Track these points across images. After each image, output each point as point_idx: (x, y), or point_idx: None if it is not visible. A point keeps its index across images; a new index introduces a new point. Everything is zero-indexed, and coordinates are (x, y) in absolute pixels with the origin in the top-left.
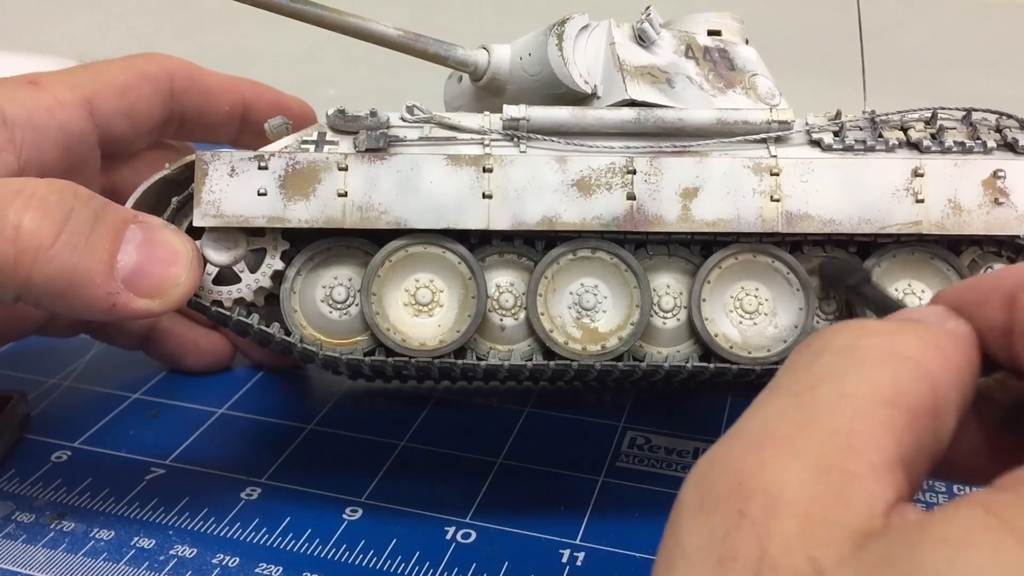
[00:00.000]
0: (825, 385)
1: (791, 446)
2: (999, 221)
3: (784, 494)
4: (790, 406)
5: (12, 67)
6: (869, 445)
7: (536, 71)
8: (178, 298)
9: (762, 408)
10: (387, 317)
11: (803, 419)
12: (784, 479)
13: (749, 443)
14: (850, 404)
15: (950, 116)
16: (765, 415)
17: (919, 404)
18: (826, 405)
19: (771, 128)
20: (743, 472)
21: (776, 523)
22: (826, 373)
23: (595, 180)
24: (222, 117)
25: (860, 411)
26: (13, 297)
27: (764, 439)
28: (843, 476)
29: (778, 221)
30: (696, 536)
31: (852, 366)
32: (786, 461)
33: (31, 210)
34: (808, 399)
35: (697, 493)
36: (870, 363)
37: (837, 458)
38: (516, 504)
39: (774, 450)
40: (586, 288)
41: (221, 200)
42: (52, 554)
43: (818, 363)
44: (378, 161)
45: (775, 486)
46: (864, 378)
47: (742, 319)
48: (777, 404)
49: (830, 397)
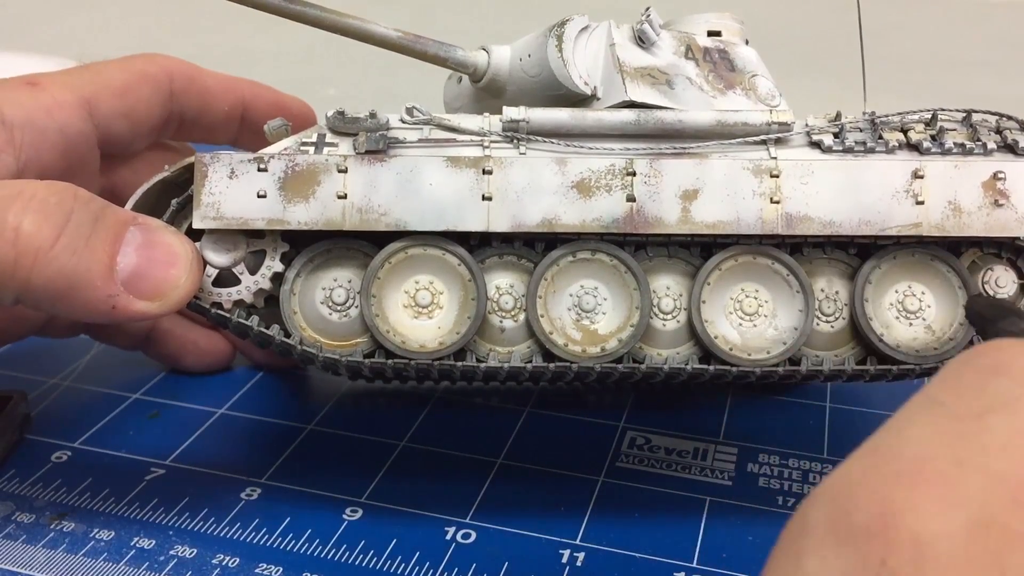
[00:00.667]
0: (997, 416)
1: (950, 487)
2: (999, 223)
3: (935, 549)
4: (952, 434)
5: (12, 67)
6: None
7: (536, 72)
8: (178, 300)
9: (916, 427)
10: (387, 319)
11: (967, 455)
12: (938, 530)
13: (900, 473)
14: (1022, 443)
15: (950, 117)
16: (920, 438)
17: None
18: (996, 442)
19: (771, 130)
20: (891, 507)
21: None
22: (1000, 401)
23: (595, 182)
24: (221, 117)
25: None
26: (13, 299)
27: (918, 473)
28: (1004, 536)
29: (778, 223)
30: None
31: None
32: (942, 507)
33: (31, 212)
34: (975, 429)
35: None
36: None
37: (1000, 511)
38: (516, 504)
39: (929, 490)
40: (586, 290)
41: (221, 202)
42: (52, 554)
43: (991, 384)
44: (378, 163)
45: (926, 535)
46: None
47: (742, 321)
48: (935, 428)
49: (1001, 431)
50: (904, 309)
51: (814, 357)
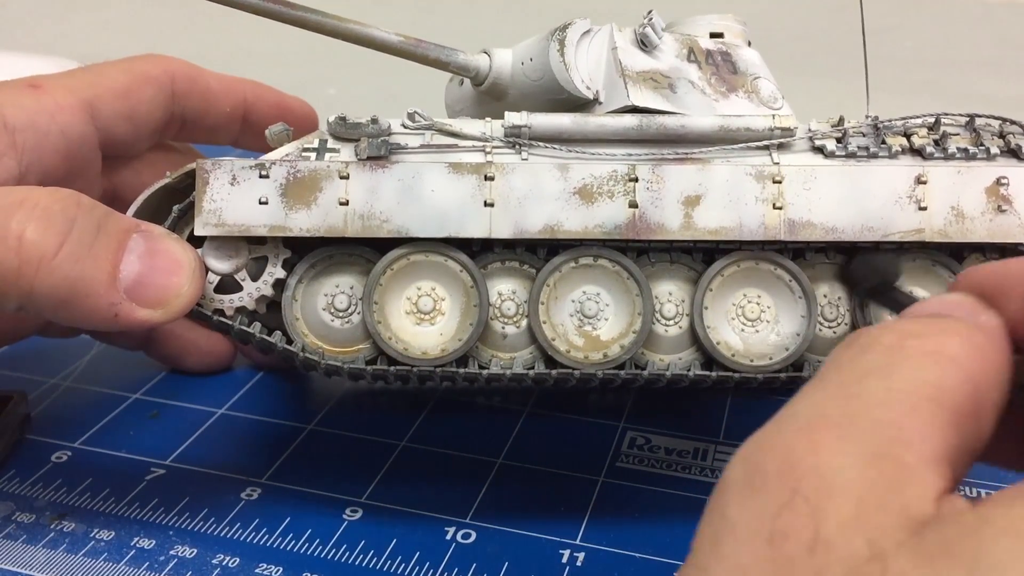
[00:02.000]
0: (872, 379)
1: (843, 431)
2: (1002, 229)
3: (839, 477)
4: (838, 396)
5: (12, 67)
6: (918, 438)
7: (538, 76)
8: (181, 308)
9: (809, 397)
10: (389, 326)
11: (852, 409)
12: (838, 462)
13: (799, 427)
14: (898, 398)
15: (953, 122)
16: (813, 403)
17: (963, 404)
18: (874, 397)
19: (774, 135)
20: (795, 452)
21: (831, 504)
22: (873, 368)
23: (597, 188)
24: (223, 118)
25: (908, 405)
26: (15, 307)
27: (815, 424)
28: (896, 464)
29: (780, 229)
30: (745, 512)
31: (898, 363)
32: (839, 445)
33: (34, 220)
34: (856, 391)
35: (745, 470)
36: (916, 361)
37: (890, 447)
38: (516, 504)
39: (826, 434)
40: (588, 296)
41: (222, 209)
42: (52, 554)
43: (864, 359)
44: (379, 169)
45: (829, 468)
46: (911, 376)
47: (744, 327)
48: (824, 394)
49: (878, 391)
50: None
51: (817, 363)
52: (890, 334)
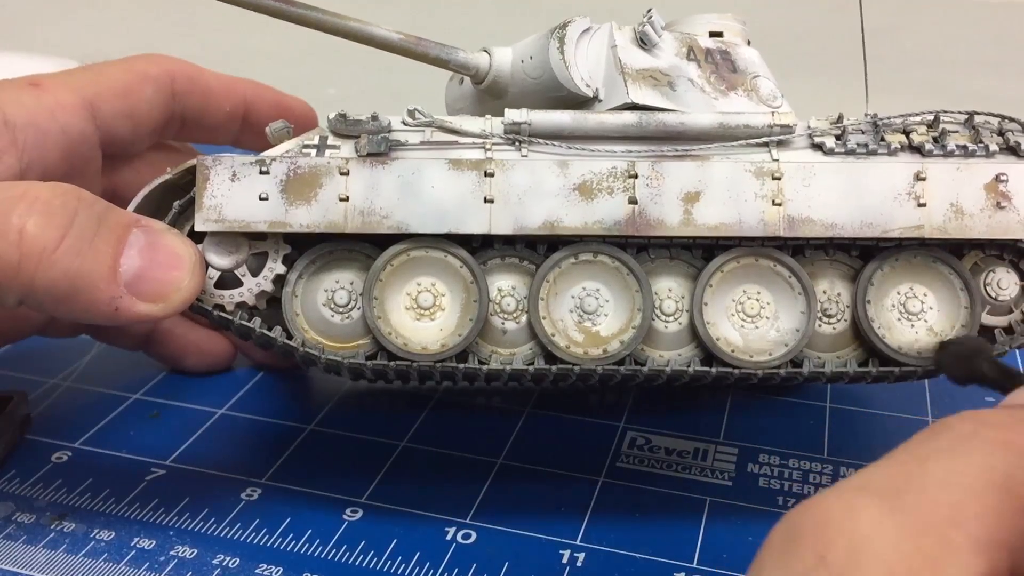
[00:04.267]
0: (936, 461)
1: (889, 502)
2: (1001, 225)
3: (871, 545)
4: (897, 471)
5: (12, 67)
6: (973, 520)
7: (538, 74)
8: (181, 303)
9: (869, 470)
10: (389, 321)
11: (906, 483)
12: (873, 531)
13: (843, 491)
14: (959, 481)
15: (952, 119)
16: (869, 474)
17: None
18: (934, 479)
19: (773, 132)
20: (831, 516)
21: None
22: (940, 450)
23: (597, 184)
24: (223, 118)
25: (968, 489)
26: (16, 301)
27: (860, 491)
28: (940, 541)
29: (780, 225)
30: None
31: (967, 450)
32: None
33: (35, 214)
34: (918, 469)
35: (785, 530)
36: (987, 449)
37: (937, 524)
38: (516, 504)
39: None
40: (588, 292)
41: (223, 205)
42: (52, 555)
43: (934, 441)
44: (379, 165)
45: (861, 536)
46: (979, 462)
47: (744, 323)
48: (884, 469)
49: (939, 473)
50: (906, 311)
51: (816, 359)
52: (966, 423)
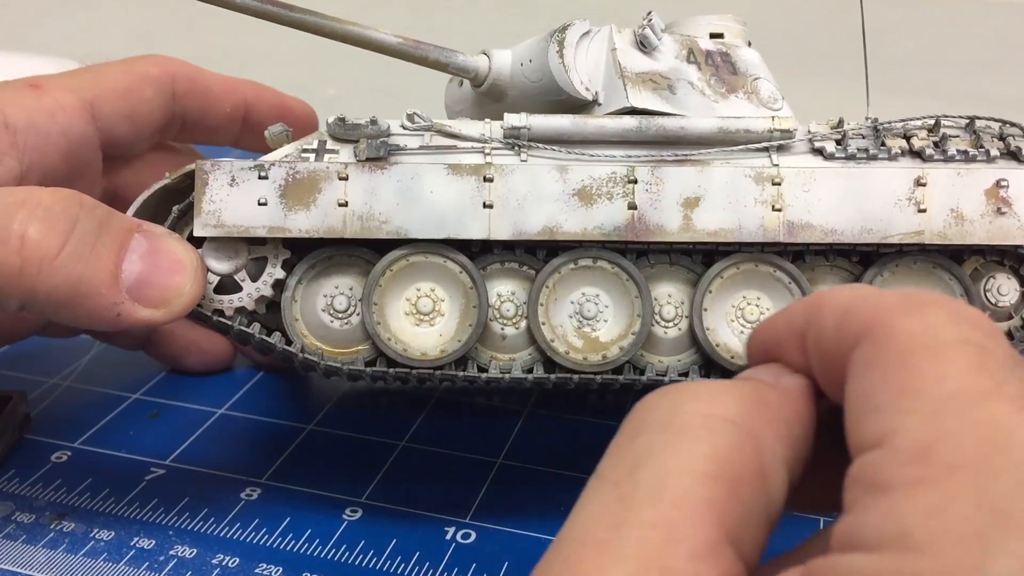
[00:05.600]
0: (643, 469)
1: (607, 555)
2: (1002, 231)
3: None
4: (609, 500)
5: (12, 67)
6: (690, 531)
7: (537, 78)
8: (182, 308)
9: (584, 505)
10: (388, 327)
11: (621, 516)
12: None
13: (567, 555)
14: (668, 486)
15: (953, 123)
16: (585, 516)
17: (743, 469)
18: (644, 494)
19: (773, 137)
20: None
21: None
22: (644, 453)
23: (596, 189)
24: (223, 119)
25: (678, 492)
26: (17, 307)
27: (580, 550)
28: (663, 574)
29: (780, 231)
30: None
31: (670, 441)
32: (603, 570)
33: (36, 220)
34: (627, 489)
35: None
36: (688, 433)
37: (656, 555)
38: (516, 504)
39: (590, 562)
40: (587, 297)
41: (222, 210)
42: (52, 554)
43: (638, 441)
44: (379, 170)
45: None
46: (682, 452)
47: (743, 329)
48: (598, 500)
49: (648, 482)
50: None
51: None
52: (664, 402)
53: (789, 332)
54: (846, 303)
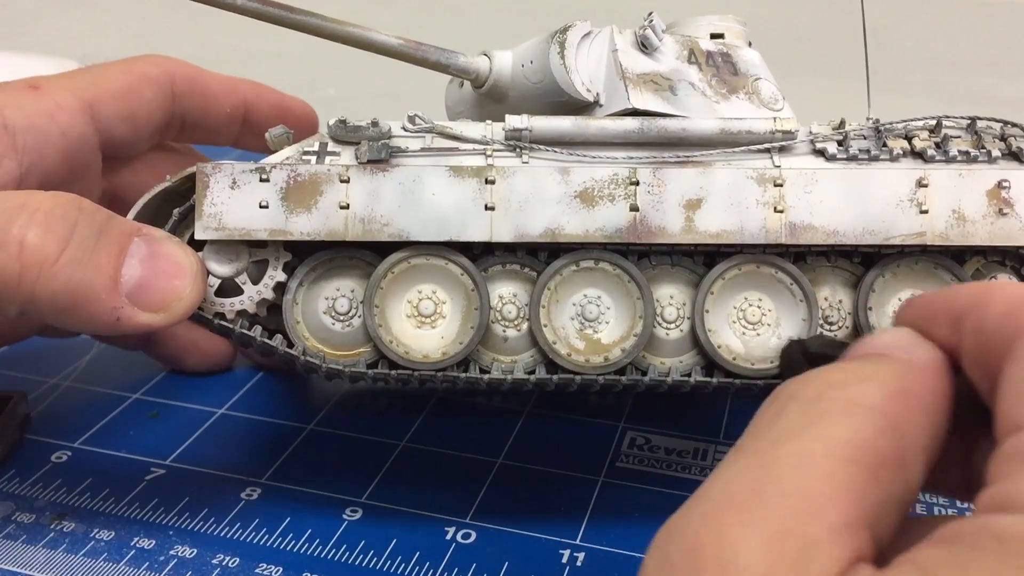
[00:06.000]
0: (786, 444)
1: (748, 512)
2: (1003, 232)
3: (738, 563)
4: (751, 467)
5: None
6: (828, 506)
7: (538, 79)
8: (182, 312)
9: (724, 470)
10: (390, 329)
11: (762, 482)
12: (739, 548)
13: (706, 511)
14: (810, 463)
15: (955, 124)
16: (726, 478)
17: (883, 457)
18: (786, 465)
19: (775, 138)
20: (699, 541)
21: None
22: (787, 431)
23: (598, 191)
24: (223, 119)
25: (820, 471)
26: (17, 311)
27: (721, 506)
28: (800, 541)
29: (781, 232)
30: None
31: (813, 422)
32: (742, 529)
33: (36, 225)
34: (768, 459)
35: (656, 563)
36: (831, 418)
37: (795, 523)
38: (516, 504)
39: (730, 516)
40: (589, 299)
41: (222, 213)
42: (52, 554)
43: (780, 420)
44: (380, 173)
45: (729, 555)
46: (825, 435)
47: (745, 330)
48: (737, 467)
49: (790, 457)
50: None
51: None
52: (809, 386)
53: (947, 309)
54: (1017, 298)
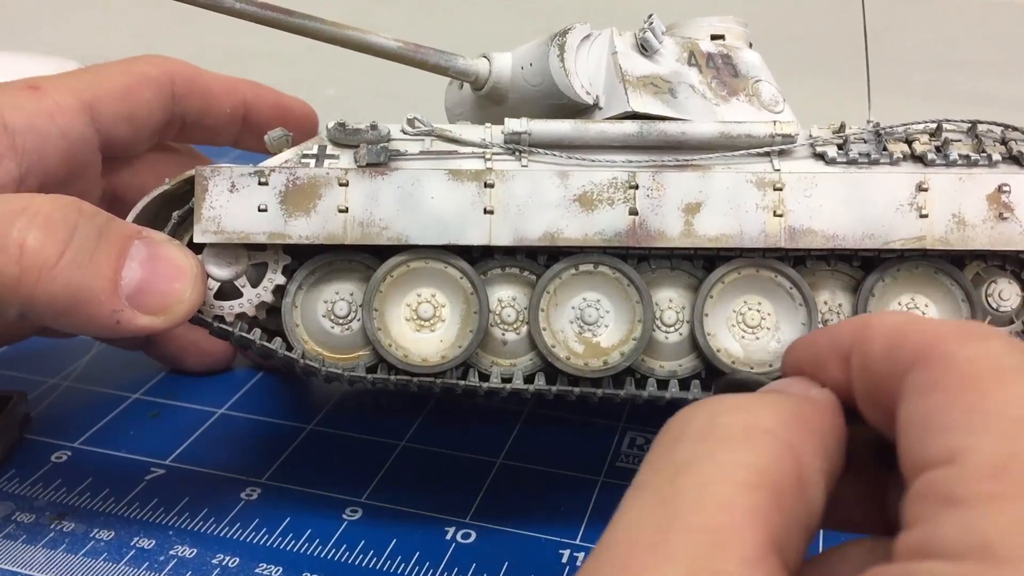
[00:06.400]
0: (684, 476)
1: (657, 553)
2: (1004, 236)
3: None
4: (652, 506)
5: (12, 67)
6: (736, 537)
7: (537, 81)
8: (182, 314)
9: (627, 512)
10: (389, 333)
11: (666, 520)
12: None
13: (614, 559)
14: (712, 493)
15: (956, 128)
16: (628, 521)
17: (783, 480)
18: (688, 500)
19: (775, 141)
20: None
21: None
22: (684, 462)
23: (597, 195)
24: (223, 119)
25: (723, 500)
26: (17, 314)
27: (629, 552)
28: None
29: (781, 236)
30: None
31: (710, 451)
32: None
33: (35, 228)
34: (668, 494)
35: None
36: (728, 444)
37: (706, 559)
38: (516, 504)
39: (640, 560)
40: (588, 303)
41: (221, 216)
42: (52, 554)
43: (676, 451)
44: (379, 176)
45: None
46: (723, 461)
47: (744, 334)
48: (640, 508)
49: (691, 490)
50: None
51: None
52: (702, 415)
53: (832, 350)
54: (897, 328)
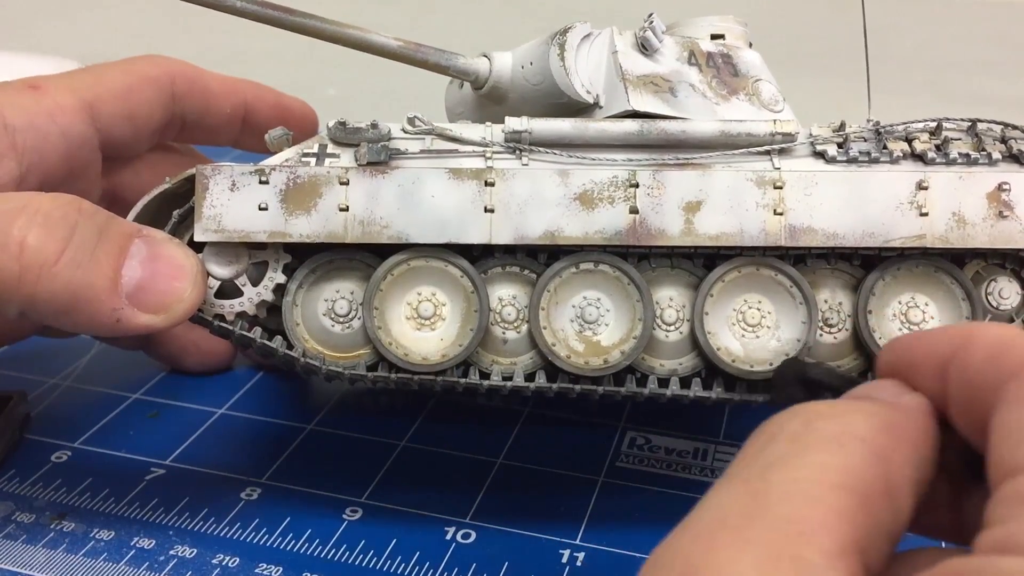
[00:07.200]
0: (776, 472)
1: (742, 533)
2: (1004, 235)
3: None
4: (741, 494)
5: (12, 67)
6: (822, 531)
7: (538, 80)
8: (183, 313)
9: (714, 498)
10: (389, 331)
11: (753, 507)
12: (734, 568)
13: (698, 533)
14: (801, 490)
15: (956, 126)
16: (716, 504)
17: (872, 486)
18: (777, 492)
19: (775, 140)
20: (692, 561)
21: None
22: (776, 459)
23: (597, 194)
24: (223, 119)
25: (811, 496)
26: (17, 313)
27: (714, 528)
28: (796, 563)
29: (781, 235)
30: None
31: (802, 451)
32: (737, 550)
33: (36, 226)
34: (759, 487)
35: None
36: (820, 447)
37: (789, 545)
38: (516, 504)
39: (724, 537)
40: (589, 301)
41: (222, 215)
42: (52, 554)
43: (769, 449)
44: (379, 175)
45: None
46: (814, 462)
47: (744, 332)
48: (728, 493)
49: (781, 484)
50: (907, 320)
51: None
52: (796, 419)
53: (928, 356)
54: (1000, 340)
